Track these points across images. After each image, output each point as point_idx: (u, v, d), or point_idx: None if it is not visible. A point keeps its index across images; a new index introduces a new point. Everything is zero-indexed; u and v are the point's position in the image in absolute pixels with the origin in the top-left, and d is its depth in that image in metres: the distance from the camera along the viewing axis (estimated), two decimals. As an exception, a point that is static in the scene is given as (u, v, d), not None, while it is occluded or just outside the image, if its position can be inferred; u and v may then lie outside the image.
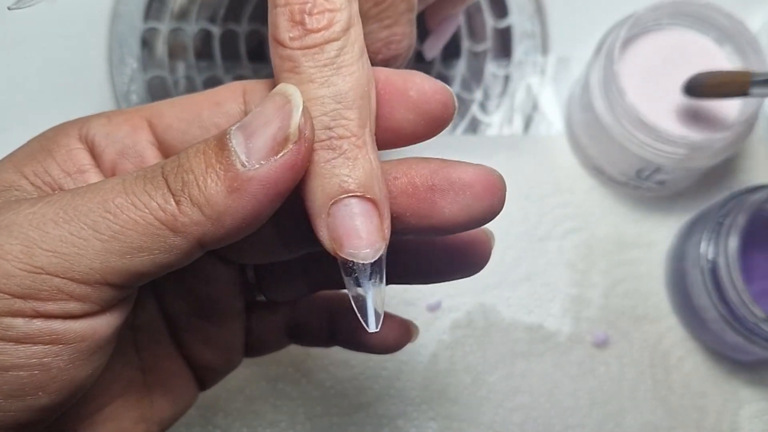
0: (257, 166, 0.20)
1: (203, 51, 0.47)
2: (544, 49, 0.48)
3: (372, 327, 0.22)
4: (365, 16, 0.28)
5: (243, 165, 0.20)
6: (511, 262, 0.44)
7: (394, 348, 0.30)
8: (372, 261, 0.21)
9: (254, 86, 0.23)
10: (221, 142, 0.20)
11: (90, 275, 0.20)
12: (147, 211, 0.20)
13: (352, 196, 0.20)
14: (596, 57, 0.42)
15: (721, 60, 0.43)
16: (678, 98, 0.42)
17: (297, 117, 0.20)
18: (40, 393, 0.20)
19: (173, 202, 0.20)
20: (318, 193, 0.21)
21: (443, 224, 0.22)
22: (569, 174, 0.46)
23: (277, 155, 0.20)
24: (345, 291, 0.30)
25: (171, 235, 0.20)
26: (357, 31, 0.21)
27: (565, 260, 0.45)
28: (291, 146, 0.20)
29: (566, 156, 0.46)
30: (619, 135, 0.41)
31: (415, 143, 0.23)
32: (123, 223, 0.20)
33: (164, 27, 0.47)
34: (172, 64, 0.47)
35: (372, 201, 0.21)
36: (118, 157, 0.23)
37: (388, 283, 0.22)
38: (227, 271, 0.28)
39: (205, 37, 0.47)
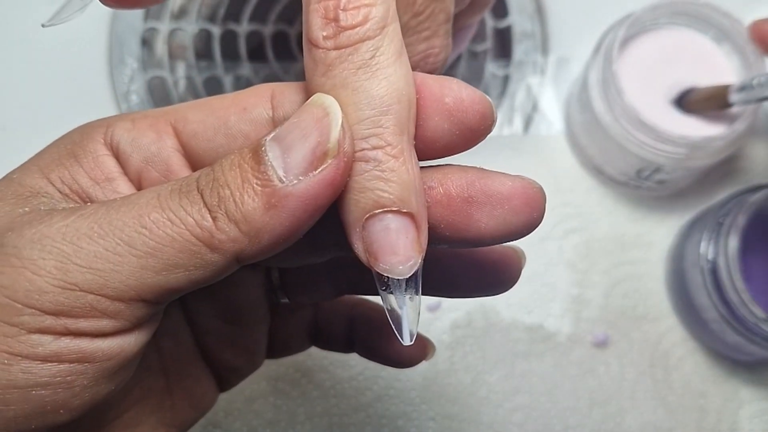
0: (295, 181, 0.19)
1: (203, 51, 0.47)
2: (544, 49, 0.48)
3: (406, 340, 0.21)
4: (403, 29, 0.27)
5: (281, 180, 0.19)
6: (510, 262, 0.44)
7: (410, 364, 0.30)
8: (407, 276, 0.20)
9: (283, 90, 0.22)
10: (257, 155, 0.19)
11: (125, 292, 0.19)
12: (183, 227, 0.19)
13: (388, 211, 0.20)
14: (595, 57, 0.42)
15: (720, 59, 0.43)
16: (677, 98, 0.42)
17: (336, 131, 0.19)
18: (61, 411, 0.19)
19: (210, 218, 0.19)
20: (352, 206, 0.20)
21: (478, 237, 0.21)
22: (569, 174, 0.46)
23: (315, 170, 0.19)
24: (368, 297, 0.30)
25: (208, 252, 0.19)
26: (394, 30, 0.20)
27: (565, 260, 0.44)
28: (330, 161, 0.19)
29: (566, 156, 0.46)
30: (618, 135, 0.41)
31: (447, 156, 0.22)
32: (159, 239, 0.19)
33: (164, 27, 0.48)
34: (172, 64, 0.47)
35: (409, 215, 0.20)
36: (144, 165, 0.22)
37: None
38: (253, 274, 0.27)
39: (205, 37, 0.47)
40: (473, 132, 0.21)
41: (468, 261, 0.26)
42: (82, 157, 0.22)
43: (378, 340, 0.30)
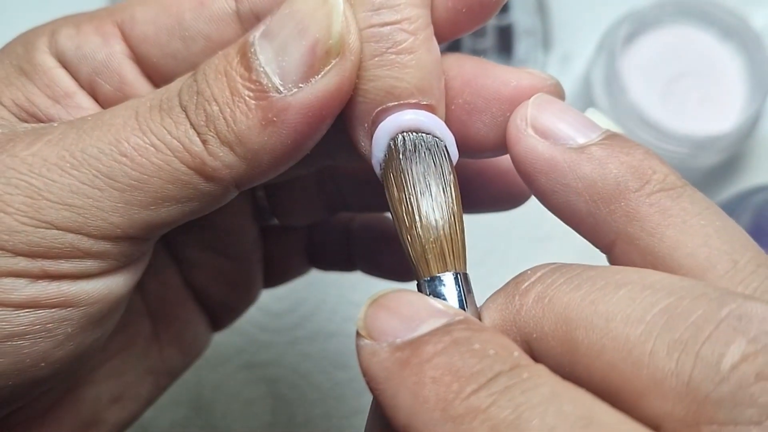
0: (294, 90, 0.16)
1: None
2: (546, 46, 0.48)
3: None
4: None
5: (277, 90, 0.16)
6: (512, 263, 0.44)
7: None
8: None
9: None
10: (245, 59, 0.16)
11: (109, 230, 0.17)
12: (170, 153, 0.16)
13: (405, 104, 0.16)
14: (598, 54, 0.42)
15: (724, 56, 0.42)
16: (680, 96, 0.42)
17: (338, 22, 0.15)
18: (42, 364, 0.17)
19: (199, 142, 0.16)
20: (359, 97, 0.16)
21: (477, 149, 0.18)
22: (571, 173, 0.46)
23: (317, 75, 0.16)
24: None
25: (201, 182, 0.17)
26: None
27: (566, 261, 0.44)
28: (334, 62, 0.15)
29: (568, 155, 0.46)
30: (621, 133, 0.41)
31: (451, 39, 0.18)
32: (143, 169, 0.16)
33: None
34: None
35: (429, 107, 0.16)
36: (94, 76, 0.19)
37: None
38: (238, 195, 0.25)
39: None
40: (483, 6, 0.17)
41: (473, 170, 0.22)
42: (32, 73, 0.19)
43: (380, 251, 0.27)
